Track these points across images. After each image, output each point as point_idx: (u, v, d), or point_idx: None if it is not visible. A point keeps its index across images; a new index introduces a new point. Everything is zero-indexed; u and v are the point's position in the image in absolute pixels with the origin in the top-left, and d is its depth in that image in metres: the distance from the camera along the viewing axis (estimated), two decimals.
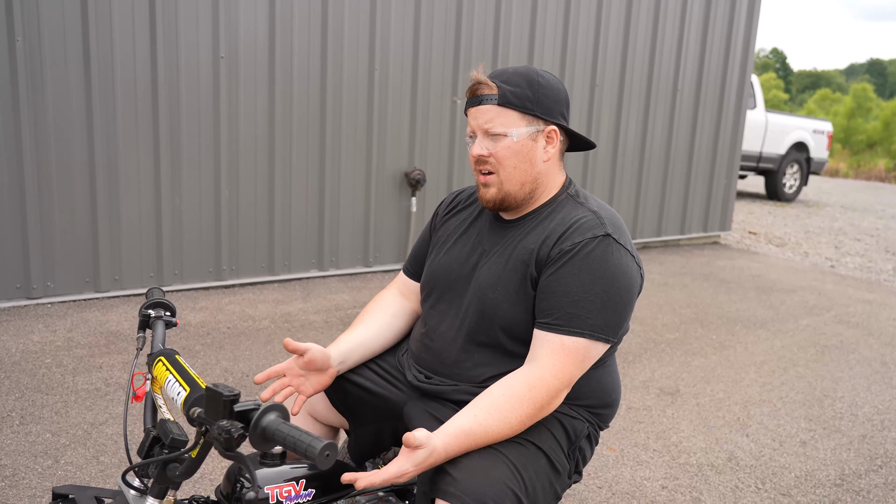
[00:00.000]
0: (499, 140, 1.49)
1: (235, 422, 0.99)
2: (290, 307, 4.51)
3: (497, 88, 1.48)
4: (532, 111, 1.49)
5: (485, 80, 1.49)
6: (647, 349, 4.20)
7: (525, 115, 1.49)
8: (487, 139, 1.50)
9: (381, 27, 5.12)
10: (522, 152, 1.50)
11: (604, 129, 6.59)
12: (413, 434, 1.26)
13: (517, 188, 1.52)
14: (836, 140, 25.05)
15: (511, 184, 1.51)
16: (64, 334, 3.77)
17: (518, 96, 1.48)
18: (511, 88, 1.48)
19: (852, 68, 72.88)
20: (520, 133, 1.49)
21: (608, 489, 2.63)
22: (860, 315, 5.26)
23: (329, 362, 1.56)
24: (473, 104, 1.50)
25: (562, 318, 1.41)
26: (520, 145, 1.49)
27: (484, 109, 1.48)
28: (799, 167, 12.13)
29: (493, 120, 1.48)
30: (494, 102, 1.47)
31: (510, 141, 1.48)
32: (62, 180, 4.15)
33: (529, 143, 1.50)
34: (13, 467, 2.49)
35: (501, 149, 1.49)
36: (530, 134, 1.50)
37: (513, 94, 1.47)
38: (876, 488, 2.77)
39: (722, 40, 7.29)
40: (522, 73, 1.50)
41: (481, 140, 1.50)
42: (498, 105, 1.47)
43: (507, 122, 1.48)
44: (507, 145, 1.49)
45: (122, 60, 4.22)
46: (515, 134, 1.48)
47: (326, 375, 1.56)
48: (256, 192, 4.84)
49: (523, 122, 1.49)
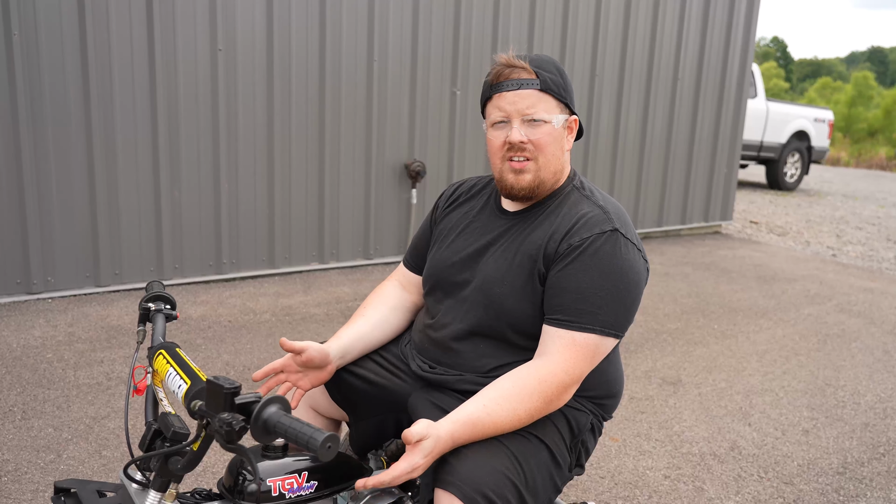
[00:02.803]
0: (539, 126, 1.46)
1: (237, 414, 0.98)
2: (291, 300, 4.50)
3: (535, 74, 1.45)
4: (565, 99, 1.49)
5: (522, 63, 1.46)
6: (649, 339, 4.20)
7: (559, 102, 1.48)
8: (525, 125, 1.46)
9: (380, 18, 5.09)
10: (559, 140, 1.49)
11: (604, 119, 6.57)
12: (410, 430, 1.25)
13: (550, 176, 1.51)
14: (837, 128, 25.00)
15: (546, 171, 1.49)
16: (65, 329, 3.77)
17: (556, 84, 1.47)
18: (549, 75, 1.46)
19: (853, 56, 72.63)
20: (559, 120, 1.48)
21: (611, 479, 2.63)
22: (862, 304, 5.25)
23: (328, 359, 1.54)
24: (510, 87, 1.46)
25: (572, 314, 1.40)
26: (559, 133, 1.49)
27: (524, 94, 1.45)
28: (800, 156, 12.10)
29: (535, 105, 1.45)
30: (536, 87, 1.45)
31: (551, 128, 1.47)
32: (61, 175, 4.14)
33: (563, 131, 1.50)
34: (15, 462, 2.49)
35: (543, 135, 1.46)
36: (562, 122, 1.49)
37: (552, 82, 1.46)
38: (879, 476, 2.77)
39: (722, 29, 7.25)
40: (551, 61, 1.49)
41: (520, 126, 1.47)
42: (540, 90, 1.45)
43: (549, 109, 1.46)
44: (548, 132, 1.47)
45: (119, 54, 4.20)
46: (556, 121, 1.47)
47: (325, 372, 1.56)
48: (256, 185, 4.83)
49: (558, 109, 1.48)
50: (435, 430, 1.28)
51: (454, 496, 1.26)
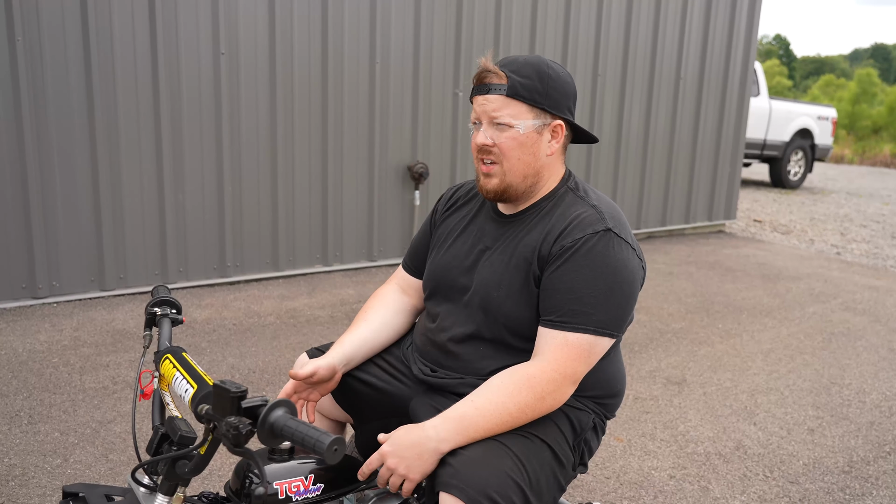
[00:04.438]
0: (504, 130, 1.46)
1: (243, 418, 0.99)
2: (296, 303, 4.51)
3: (507, 78, 1.44)
4: (540, 104, 1.46)
5: (494, 68, 1.46)
6: (654, 339, 4.20)
7: (533, 107, 1.46)
8: (492, 128, 1.47)
9: (382, 20, 5.10)
10: (527, 144, 1.48)
11: (607, 119, 6.57)
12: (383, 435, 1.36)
13: (519, 180, 1.50)
14: (840, 126, 24.93)
15: (513, 175, 1.49)
16: (70, 333, 3.78)
17: (527, 88, 1.45)
18: (521, 80, 1.45)
19: (856, 53, 72.48)
20: (526, 125, 1.46)
21: (616, 479, 2.63)
22: (867, 302, 5.24)
23: (335, 370, 1.57)
24: (481, 92, 1.47)
25: (565, 314, 1.40)
26: (525, 137, 1.47)
27: (491, 98, 1.45)
28: (803, 154, 12.07)
29: (501, 110, 1.45)
30: (503, 93, 1.44)
31: (516, 132, 1.46)
32: (65, 179, 4.15)
33: (535, 135, 1.48)
34: (23, 466, 2.50)
35: (506, 139, 1.46)
36: (537, 127, 1.47)
37: (522, 86, 1.44)
38: (885, 475, 2.76)
39: (725, 27, 7.25)
40: (533, 64, 1.47)
41: (486, 129, 1.48)
42: (506, 96, 1.44)
43: (514, 114, 1.45)
44: (513, 136, 1.46)
45: (122, 57, 4.21)
46: (522, 126, 1.46)
47: (332, 381, 1.59)
48: (259, 188, 4.84)
49: (531, 114, 1.46)
50: (396, 433, 1.35)
51: (458, 499, 1.26)
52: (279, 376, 3.37)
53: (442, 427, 1.33)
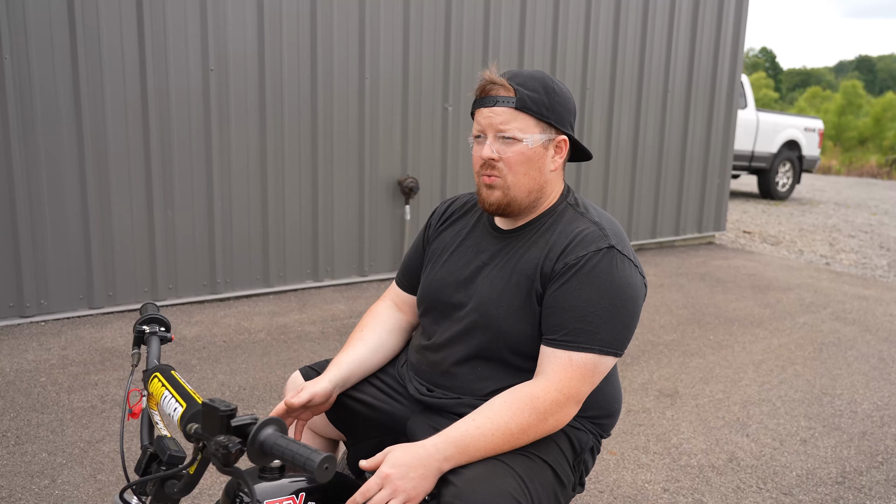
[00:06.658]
0: (511, 144, 1.44)
1: (233, 437, 0.98)
2: (286, 318, 4.49)
3: (514, 91, 1.43)
4: (547, 119, 1.45)
5: (501, 80, 1.44)
6: (645, 351, 4.20)
7: (540, 121, 1.45)
8: (499, 142, 1.45)
9: (371, 36, 5.12)
10: (534, 159, 1.46)
11: (596, 132, 6.60)
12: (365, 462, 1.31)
13: (523, 195, 1.48)
14: (827, 137, 25.15)
15: (518, 190, 1.47)
16: (58, 352, 3.75)
17: (536, 102, 1.43)
18: (529, 93, 1.43)
19: (841, 65, 73.32)
20: (534, 140, 1.45)
21: (610, 493, 2.62)
22: (857, 311, 5.27)
23: (329, 392, 1.54)
24: (487, 104, 1.45)
25: (569, 334, 1.38)
26: (532, 152, 1.45)
27: (499, 111, 1.43)
28: (791, 165, 12.17)
29: (509, 123, 1.43)
30: (511, 105, 1.43)
31: (524, 147, 1.44)
32: (53, 196, 4.13)
33: (541, 150, 1.46)
34: (9, 488, 2.47)
35: (513, 153, 1.44)
36: (543, 142, 1.46)
37: (531, 100, 1.43)
38: (878, 485, 2.76)
39: (711, 40, 7.32)
40: (539, 79, 1.46)
41: (492, 142, 1.45)
42: (515, 108, 1.43)
43: (523, 127, 1.43)
44: (520, 150, 1.44)
45: (111, 75, 4.21)
46: (530, 140, 1.44)
47: (327, 403, 1.56)
48: (249, 204, 4.83)
49: (538, 128, 1.45)
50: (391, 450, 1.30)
51: None
52: (270, 393, 3.34)
53: (443, 445, 1.31)
